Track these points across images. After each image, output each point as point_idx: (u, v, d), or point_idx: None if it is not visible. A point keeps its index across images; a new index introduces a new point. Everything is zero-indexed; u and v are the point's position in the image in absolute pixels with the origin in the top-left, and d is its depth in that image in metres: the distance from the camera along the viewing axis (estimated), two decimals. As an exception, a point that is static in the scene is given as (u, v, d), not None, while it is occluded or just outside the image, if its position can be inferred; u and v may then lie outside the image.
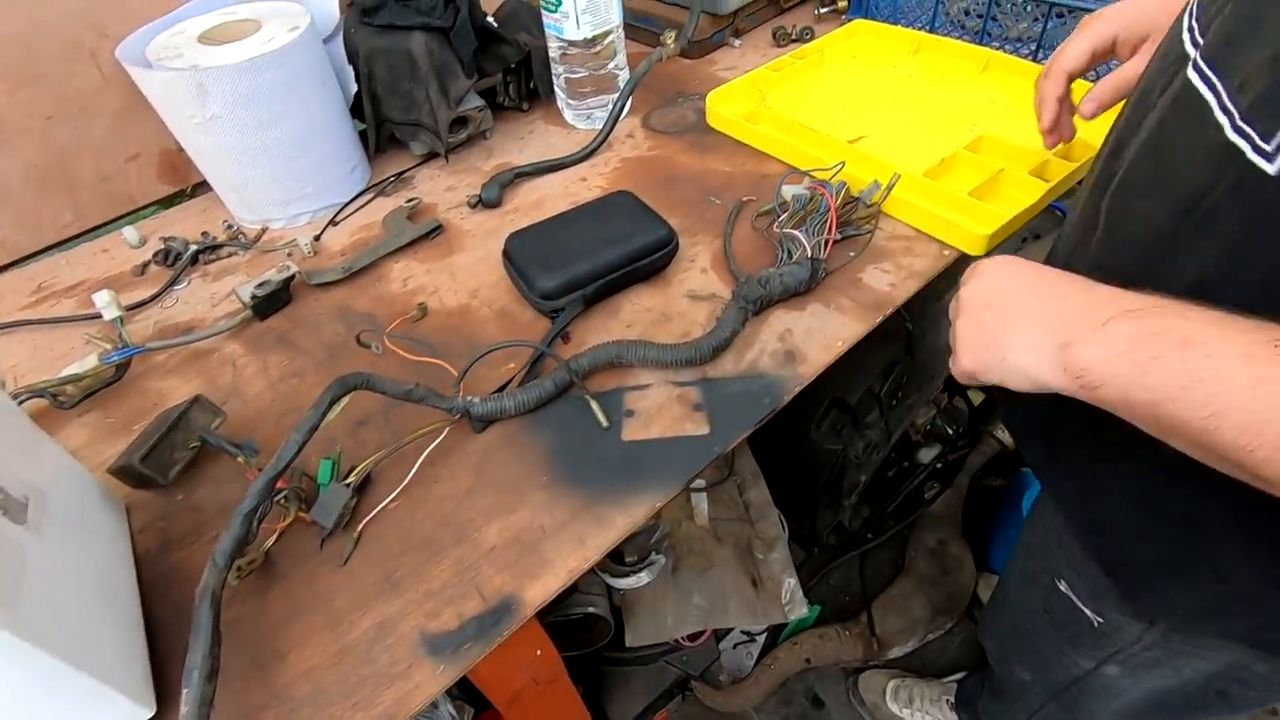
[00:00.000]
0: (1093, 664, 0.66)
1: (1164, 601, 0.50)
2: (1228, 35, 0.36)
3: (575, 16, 0.85)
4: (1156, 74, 0.44)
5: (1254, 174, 0.33)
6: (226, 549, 0.46)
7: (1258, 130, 0.33)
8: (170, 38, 0.79)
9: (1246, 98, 0.34)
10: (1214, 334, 0.32)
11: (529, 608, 0.49)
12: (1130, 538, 0.49)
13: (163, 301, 0.77)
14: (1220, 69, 0.36)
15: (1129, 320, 0.35)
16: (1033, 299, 0.41)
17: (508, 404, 0.59)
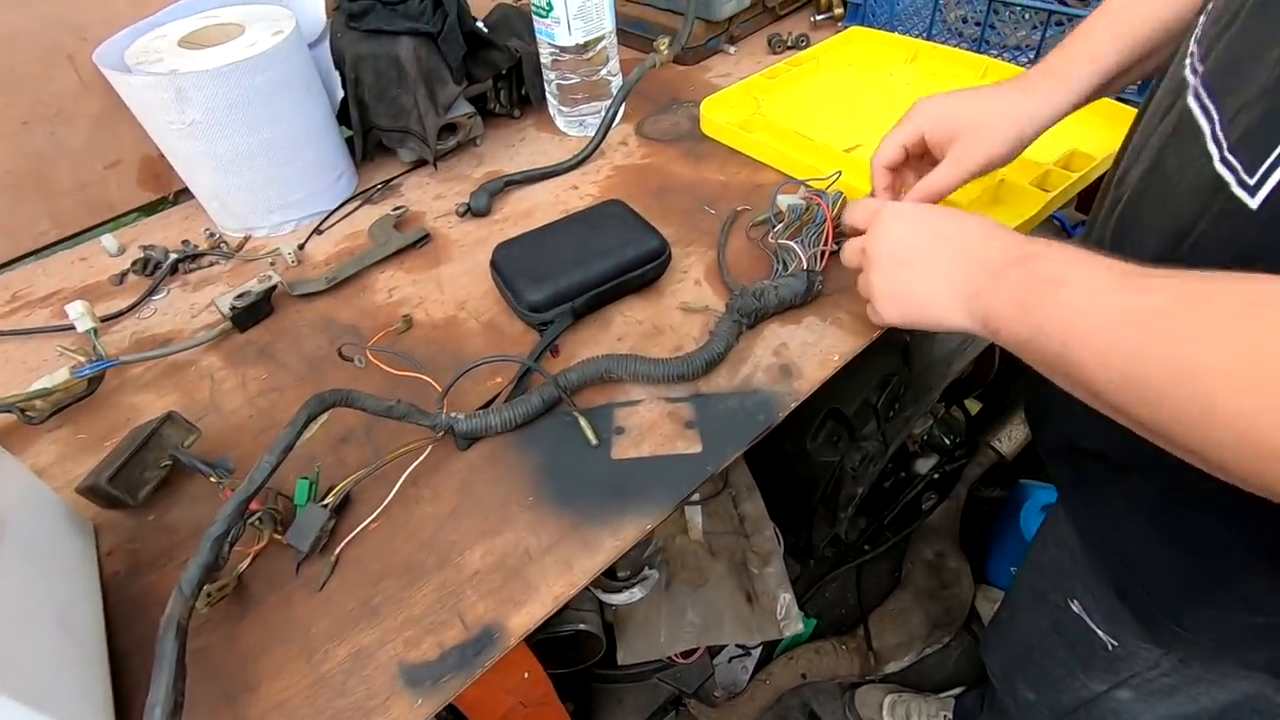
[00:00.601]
0: (1104, 687, 0.64)
1: (1186, 632, 0.48)
2: (1225, 65, 0.36)
3: (567, 22, 0.83)
4: (1161, 99, 0.43)
5: (1238, 207, 0.33)
6: (194, 576, 0.44)
7: (1243, 163, 0.33)
8: (150, 41, 0.77)
9: (1237, 130, 0.34)
10: (1083, 275, 0.35)
11: (512, 636, 0.47)
12: (1150, 565, 0.48)
13: (140, 312, 0.75)
14: (1217, 98, 0.36)
15: (1018, 267, 0.39)
16: (942, 253, 0.43)
17: (493, 421, 0.57)
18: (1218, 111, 0.35)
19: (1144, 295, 0.32)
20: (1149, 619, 0.51)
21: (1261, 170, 0.31)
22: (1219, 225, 0.35)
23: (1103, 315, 0.33)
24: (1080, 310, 0.34)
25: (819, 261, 0.68)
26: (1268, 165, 0.31)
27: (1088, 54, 0.52)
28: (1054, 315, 0.35)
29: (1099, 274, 0.34)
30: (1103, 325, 0.32)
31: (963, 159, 0.53)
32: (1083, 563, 0.59)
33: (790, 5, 1.16)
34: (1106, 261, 0.35)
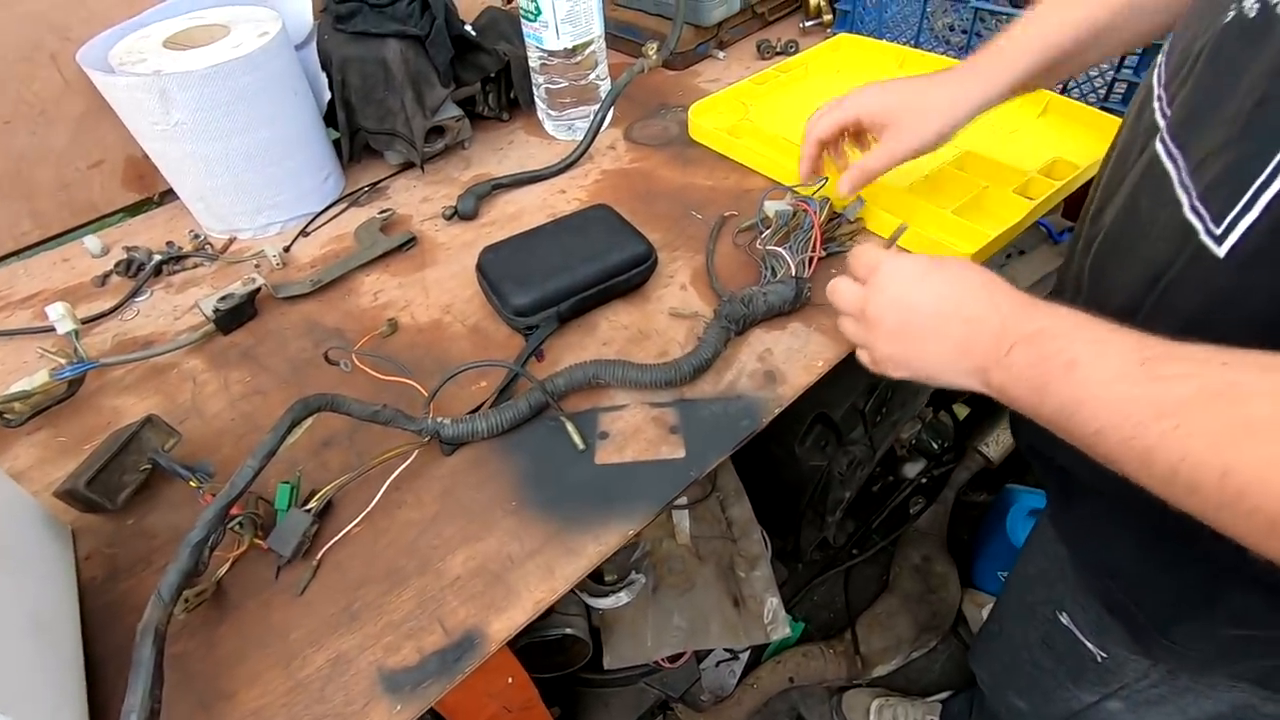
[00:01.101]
0: (1095, 698, 0.64)
1: (1175, 645, 0.49)
2: (1186, 114, 0.37)
3: (555, 26, 0.83)
4: (1131, 138, 0.44)
5: (1207, 254, 0.34)
6: (173, 582, 0.44)
7: (1210, 212, 0.34)
8: (135, 41, 0.76)
9: (1203, 179, 0.34)
10: (1093, 354, 0.34)
11: (493, 642, 0.47)
12: (1138, 580, 0.48)
13: (122, 314, 0.74)
14: (1182, 145, 0.37)
15: (1026, 346, 0.37)
16: (946, 326, 0.42)
17: (479, 426, 0.57)
18: (1183, 159, 0.36)
19: (1167, 386, 0.31)
20: (1138, 632, 0.52)
21: (1227, 220, 0.32)
22: (1190, 270, 0.35)
23: (1124, 407, 0.32)
24: (1100, 400, 0.33)
25: (807, 268, 0.68)
26: (1233, 216, 0.32)
27: (1010, 53, 0.56)
28: (1072, 399, 0.34)
29: (1113, 356, 0.33)
30: (1124, 418, 0.32)
31: (895, 145, 0.58)
32: (1071, 576, 0.59)
33: (779, 11, 1.17)
34: (1117, 336, 0.34)
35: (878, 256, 0.47)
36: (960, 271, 0.43)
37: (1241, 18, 0.33)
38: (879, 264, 0.46)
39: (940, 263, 0.44)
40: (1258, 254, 0.32)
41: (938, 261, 0.44)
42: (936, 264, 0.44)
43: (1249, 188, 0.31)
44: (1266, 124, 0.31)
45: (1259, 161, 0.31)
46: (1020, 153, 0.80)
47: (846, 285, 0.49)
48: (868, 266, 0.47)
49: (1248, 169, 0.31)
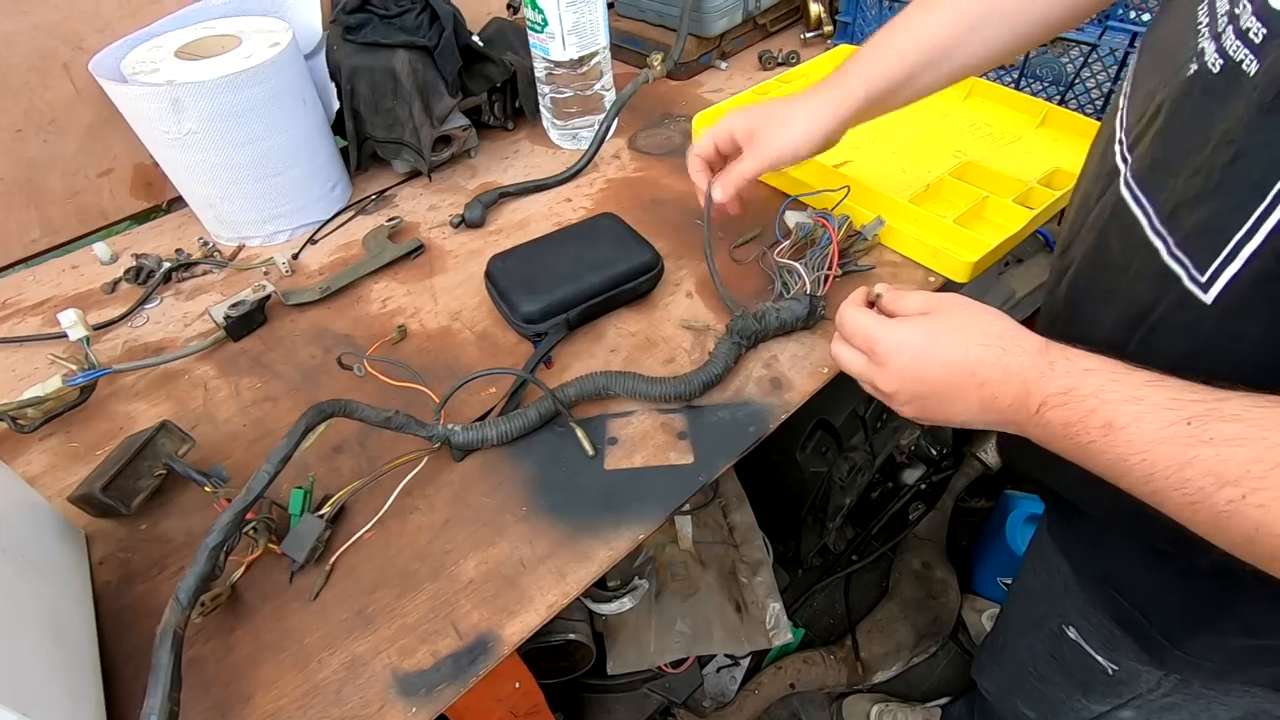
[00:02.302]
0: (1106, 708, 0.64)
1: (1189, 657, 0.49)
2: (1154, 162, 0.37)
3: (562, 37, 0.84)
4: (1094, 179, 0.45)
5: (1193, 300, 0.35)
6: (191, 586, 0.44)
7: (1193, 260, 0.34)
8: (147, 52, 0.77)
9: (1180, 227, 0.35)
10: (1132, 416, 0.34)
11: (506, 646, 0.48)
12: (1147, 595, 0.48)
13: (132, 320, 0.75)
14: (1149, 192, 0.37)
15: (1058, 408, 0.37)
16: (963, 394, 0.41)
17: (490, 433, 0.57)
18: (1152, 206, 0.37)
19: (1222, 450, 0.30)
20: (1149, 645, 0.52)
21: (1211, 270, 0.33)
22: (1176, 314, 0.36)
23: (1180, 472, 0.32)
24: (1149, 463, 0.33)
25: (822, 286, 0.68)
26: (1216, 265, 0.33)
27: (861, 69, 0.61)
28: (1118, 460, 0.34)
29: (1152, 417, 0.33)
30: (1182, 482, 0.31)
31: (760, 150, 0.63)
32: (1076, 591, 0.59)
33: (781, 23, 1.18)
34: (1152, 391, 0.34)
35: (871, 330, 0.45)
36: (963, 330, 0.41)
37: (1204, 72, 0.34)
38: (877, 339, 0.45)
39: (940, 325, 0.42)
40: (1243, 304, 0.33)
41: (937, 323, 0.42)
42: (937, 328, 0.42)
43: (1230, 240, 0.32)
44: (1243, 178, 0.31)
45: (1240, 214, 0.31)
46: (1020, 163, 0.82)
47: (850, 355, 0.48)
48: (865, 340, 0.46)
49: (1228, 222, 0.32)
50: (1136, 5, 1.04)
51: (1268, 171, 0.30)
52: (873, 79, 0.60)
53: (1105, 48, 0.86)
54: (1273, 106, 0.30)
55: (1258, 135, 0.31)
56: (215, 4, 0.83)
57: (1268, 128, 0.30)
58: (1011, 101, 0.91)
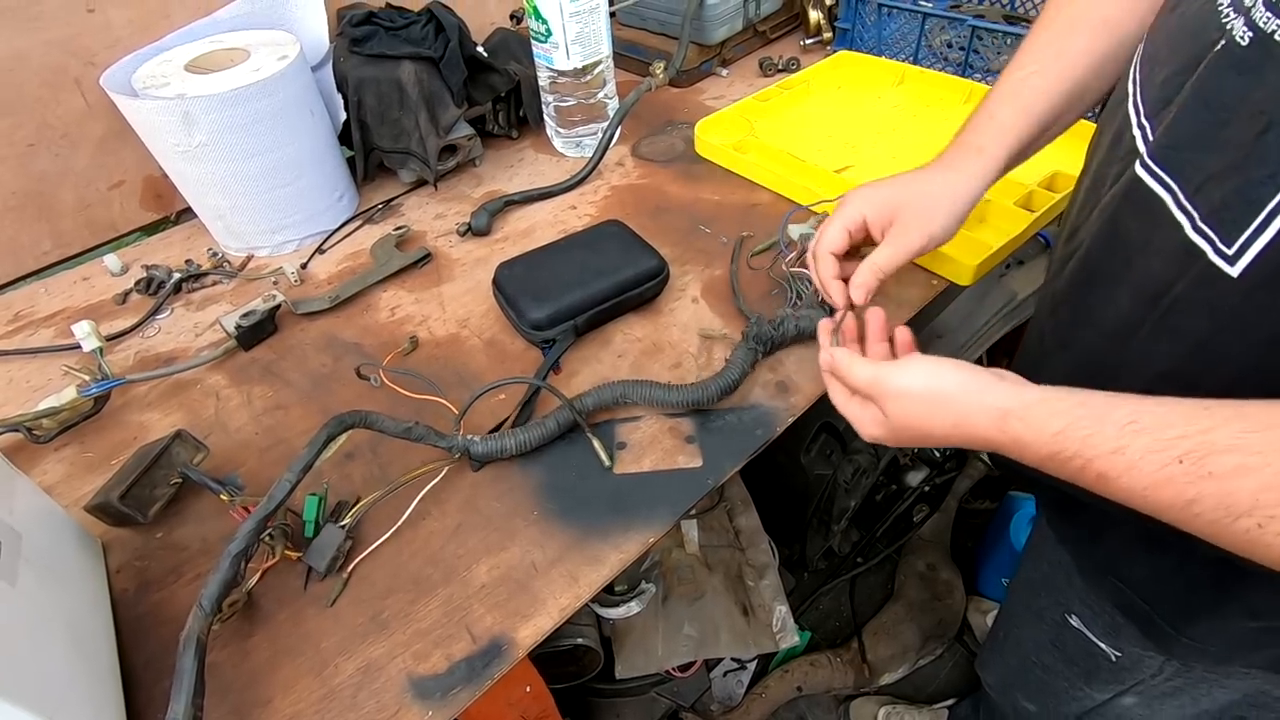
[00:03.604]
0: (1108, 695, 0.64)
1: (1194, 642, 0.50)
2: (1181, 138, 0.37)
3: (565, 47, 0.85)
4: (1105, 164, 0.45)
5: (1217, 274, 0.35)
6: (214, 593, 0.45)
7: (1220, 235, 0.34)
8: (157, 66, 0.78)
9: (1208, 201, 0.35)
10: (1122, 467, 0.34)
11: (520, 649, 0.48)
12: (1150, 582, 0.49)
13: (144, 331, 0.76)
14: (1174, 170, 0.37)
15: (1051, 462, 0.37)
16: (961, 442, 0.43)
17: (509, 444, 0.58)
18: (1178, 183, 0.37)
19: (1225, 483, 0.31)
20: (1153, 631, 0.52)
21: (1240, 241, 0.33)
22: (1198, 290, 0.36)
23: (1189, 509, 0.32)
24: (1155, 504, 0.34)
25: None
26: (1246, 237, 0.33)
27: (996, 129, 0.55)
28: (1124, 500, 0.35)
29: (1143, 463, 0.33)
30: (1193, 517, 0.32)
31: (903, 238, 0.55)
32: (1078, 580, 0.60)
33: (781, 30, 1.20)
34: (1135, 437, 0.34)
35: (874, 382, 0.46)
36: (922, 431, 0.44)
37: (1232, 46, 0.34)
38: (881, 394, 0.45)
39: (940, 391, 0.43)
40: (1273, 277, 0.33)
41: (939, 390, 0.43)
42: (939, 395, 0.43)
43: (1261, 210, 0.32)
44: (1275, 148, 0.31)
45: (1272, 184, 0.31)
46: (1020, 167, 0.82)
47: (847, 403, 0.49)
48: (867, 388, 0.47)
49: (1259, 192, 0.32)
50: (1133, 9, 1.06)
51: None
52: (1010, 142, 0.55)
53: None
54: None
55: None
56: (224, 18, 0.84)
57: None
58: (1011, 106, 0.92)
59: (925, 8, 1.02)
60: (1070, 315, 0.49)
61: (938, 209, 0.54)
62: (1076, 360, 0.49)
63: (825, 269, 0.57)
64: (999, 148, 0.54)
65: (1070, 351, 0.49)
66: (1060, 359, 0.51)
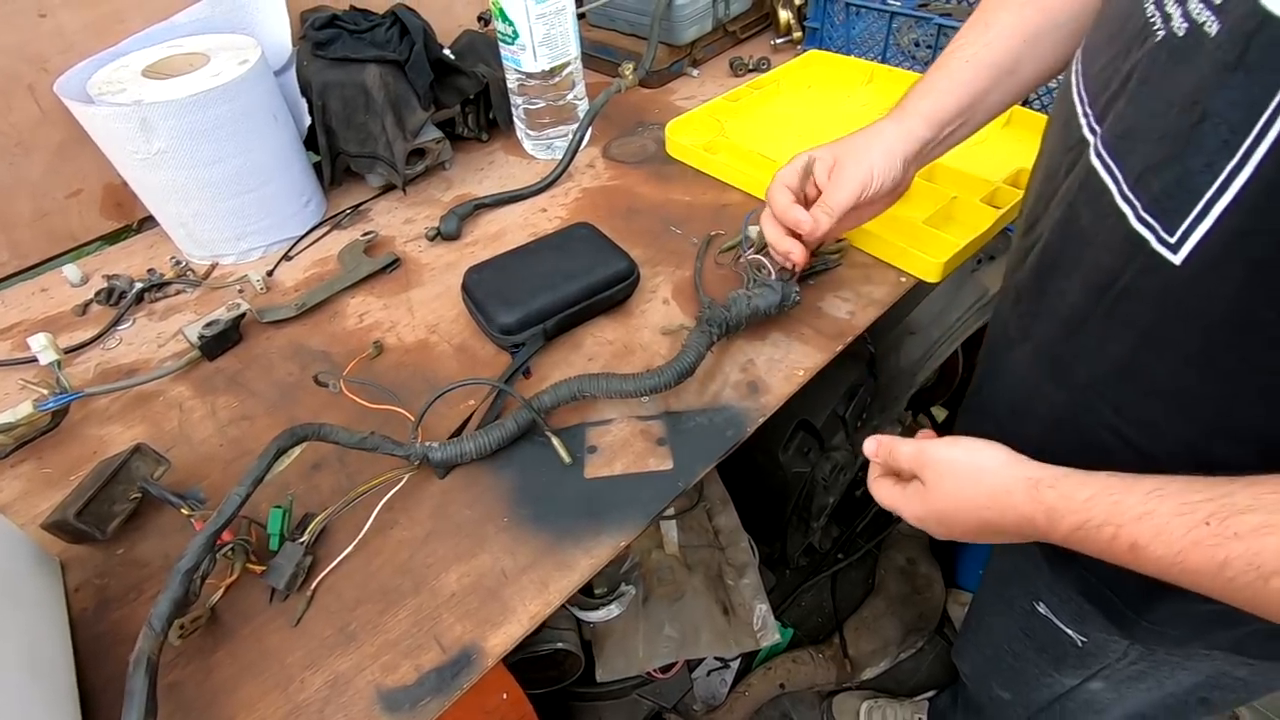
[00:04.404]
0: (1076, 681, 0.66)
1: (1154, 626, 0.51)
2: (1124, 129, 0.38)
3: (533, 49, 0.85)
4: (1059, 153, 0.45)
5: (1161, 263, 0.35)
6: (164, 611, 0.44)
7: (1162, 224, 0.35)
8: (113, 72, 0.77)
9: (1149, 190, 0.36)
10: (1151, 533, 0.35)
11: (490, 657, 0.48)
12: (1112, 569, 0.50)
13: (105, 343, 0.74)
14: (1119, 159, 0.38)
15: (1080, 539, 0.38)
16: (994, 534, 0.44)
17: (468, 448, 0.57)
18: (1121, 172, 0.38)
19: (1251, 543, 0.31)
20: (1117, 616, 0.54)
21: (1181, 229, 0.34)
22: (1144, 279, 0.37)
23: (1218, 574, 0.33)
24: (1185, 570, 0.34)
25: (791, 275, 0.68)
26: (1186, 225, 0.34)
27: (924, 91, 0.60)
28: (1156, 571, 0.35)
29: (1170, 529, 0.34)
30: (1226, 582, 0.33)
31: (844, 176, 0.60)
32: (1045, 568, 0.61)
33: (751, 29, 1.20)
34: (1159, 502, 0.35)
35: (919, 454, 0.47)
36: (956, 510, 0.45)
37: (1170, 37, 0.35)
38: (924, 465, 0.47)
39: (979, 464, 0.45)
40: (1215, 263, 0.33)
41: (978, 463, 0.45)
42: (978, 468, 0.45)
43: (1200, 199, 0.33)
44: (1211, 137, 0.32)
45: (1209, 173, 0.32)
46: (986, 163, 0.83)
47: (890, 492, 0.51)
48: (910, 460, 0.48)
49: (1197, 181, 0.33)
50: (1096, 6, 1.07)
51: (1235, 129, 0.31)
52: (939, 104, 0.59)
53: (1065, 49, 0.88)
54: (1236, 64, 0.31)
55: (1221, 94, 0.32)
56: (182, 22, 0.83)
57: (1232, 85, 0.31)
58: (977, 103, 0.93)
59: (893, 7, 1.03)
60: (1030, 306, 0.50)
61: (871, 148, 0.60)
62: (1036, 350, 0.49)
63: (781, 199, 0.62)
64: (928, 105, 0.59)
65: (1031, 342, 0.50)
66: (1022, 349, 0.51)
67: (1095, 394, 0.44)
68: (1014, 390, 0.54)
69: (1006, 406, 0.55)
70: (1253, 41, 0.30)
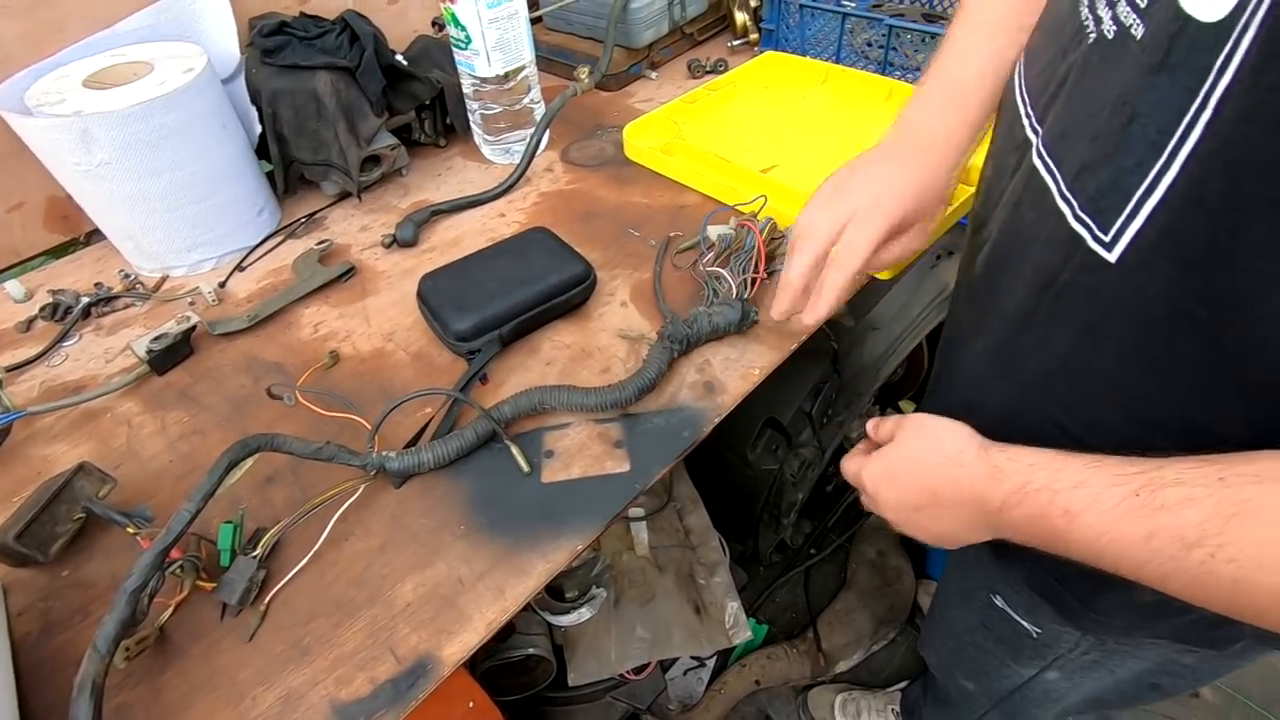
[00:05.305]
0: (1034, 671, 0.67)
1: (1101, 617, 0.52)
2: (1061, 130, 0.39)
3: (486, 54, 0.84)
4: (1006, 153, 0.47)
5: (1097, 261, 0.36)
6: (110, 633, 0.43)
7: (1097, 223, 0.36)
8: (53, 82, 0.75)
9: (1085, 190, 0.37)
10: (1086, 500, 0.36)
11: (446, 666, 0.47)
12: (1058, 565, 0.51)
13: (49, 359, 0.72)
14: (1057, 159, 0.39)
15: (1017, 508, 0.39)
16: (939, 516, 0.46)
17: (425, 458, 0.57)
18: (1060, 172, 0.39)
19: (1176, 514, 0.32)
20: (1065, 608, 0.55)
21: (1115, 228, 0.35)
22: (1082, 276, 0.38)
23: (1146, 544, 0.33)
24: (1116, 540, 0.35)
25: (749, 288, 0.69)
26: (1120, 223, 0.34)
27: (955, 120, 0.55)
28: (1087, 547, 0.36)
29: (1104, 497, 0.35)
30: (1153, 552, 0.33)
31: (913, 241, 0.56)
32: (1000, 561, 0.62)
33: (708, 31, 1.21)
34: (1094, 471, 0.36)
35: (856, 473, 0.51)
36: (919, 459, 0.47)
37: (1101, 39, 0.36)
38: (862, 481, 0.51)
39: (899, 457, 0.48)
40: (1146, 260, 0.34)
41: (897, 455, 0.48)
42: (897, 463, 0.48)
43: (1131, 198, 0.34)
44: (1140, 138, 0.33)
45: (1139, 173, 0.33)
46: (936, 161, 0.84)
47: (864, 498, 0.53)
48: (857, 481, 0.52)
49: (1128, 181, 0.34)
50: (1043, 5, 1.10)
51: (1161, 129, 0.32)
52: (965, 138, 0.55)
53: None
54: (1160, 66, 0.32)
55: (1148, 95, 0.32)
56: (125, 31, 0.81)
57: (1157, 87, 0.32)
58: (928, 101, 0.94)
59: (846, 8, 1.04)
60: (982, 304, 0.51)
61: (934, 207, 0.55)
62: (987, 346, 0.50)
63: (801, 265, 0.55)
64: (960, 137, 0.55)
65: (983, 338, 0.51)
66: (976, 345, 0.52)
67: (1041, 389, 0.45)
68: (967, 387, 0.55)
69: (960, 402, 0.56)
70: (1174, 44, 0.31)
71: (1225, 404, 0.35)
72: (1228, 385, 0.34)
